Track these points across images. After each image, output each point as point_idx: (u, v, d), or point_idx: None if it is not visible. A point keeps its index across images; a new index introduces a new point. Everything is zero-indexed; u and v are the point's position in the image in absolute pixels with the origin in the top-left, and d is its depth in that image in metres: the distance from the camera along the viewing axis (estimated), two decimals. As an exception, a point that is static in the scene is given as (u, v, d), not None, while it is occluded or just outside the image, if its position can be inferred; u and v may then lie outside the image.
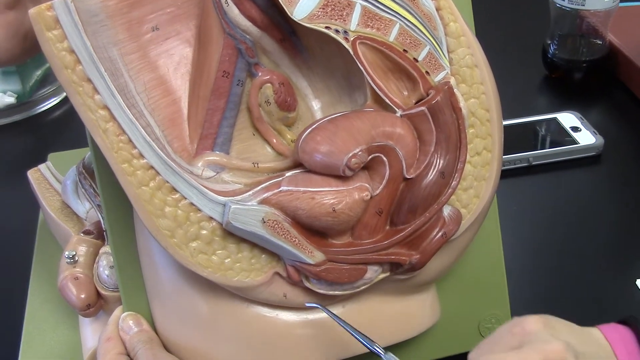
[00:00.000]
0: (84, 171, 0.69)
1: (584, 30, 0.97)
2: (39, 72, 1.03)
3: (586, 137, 0.87)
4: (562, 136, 0.88)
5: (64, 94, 1.02)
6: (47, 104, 1.02)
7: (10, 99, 1.00)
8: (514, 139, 0.86)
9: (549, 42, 0.99)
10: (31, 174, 0.77)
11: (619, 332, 0.48)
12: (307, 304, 0.51)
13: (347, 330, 0.49)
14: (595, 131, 0.88)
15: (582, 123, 0.90)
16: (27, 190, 0.77)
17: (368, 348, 0.49)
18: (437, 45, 0.49)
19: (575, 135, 0.88)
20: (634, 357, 0.47)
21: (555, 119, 0.91)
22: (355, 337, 0.49)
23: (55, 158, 0.86)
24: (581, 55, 0.98)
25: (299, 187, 0.47)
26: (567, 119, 0.91)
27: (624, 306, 0.51)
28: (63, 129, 0.98)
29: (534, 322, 0.47)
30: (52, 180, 0.76)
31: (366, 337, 0.49)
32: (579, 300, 0.69)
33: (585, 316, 0.51)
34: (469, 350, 0.61)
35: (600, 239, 0.77)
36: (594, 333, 0.49)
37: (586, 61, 0.98)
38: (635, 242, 0.76)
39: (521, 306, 0.64)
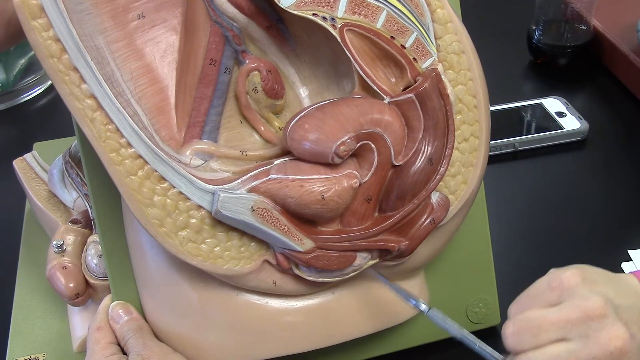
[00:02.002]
0: (70, 160, 0.69)
1: (568, 15, 0.97)
2: (22, 61, 1.02)
3: (571, 122, 0.88)
4: (547, 121, 0.89)
5: (48, 82, 1.02)
6: (32, 93, 1.01)
7: (-7, 89, 1.00)
8: (500, 124, 0.86)
9: (534, 27, 1.00)
10: (17, 163, 0.76)
11: None
12: (379, 276, 0.52)
13: (392, 288, 0.52)
14: (580, 116, 0.89)
15: (567, 108, 0.90)
16: (13, 180, 0.76)
17: (414, 305, 0.51)
18: (424, 31, 0.49)
19: (560, 120, 0.89)
20: None
21: (540, 105, 0.91)
22: (401, 295, 0.52)
23: (40, 147, 0.85)
24: (566, 41, 0.98)
25: (287, 175, 0.47)
26: (553, 104, 0.91)
27: (610, 289, 0.52)
28: (48, 118, 0.97)
29: (572, 276, 0.47)
30: (38, 169, 0.75)
31: (411, 294, 0.51)
32: (565, 284, 0.70)
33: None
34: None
35: (585, 223, 0.77)
36: (631, 280, 0.49)
37: (571, 46, 0.98)
38: (620, 226, 0.77)
39: (508, 290, 0.64)
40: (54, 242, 0.63)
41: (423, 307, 0.50)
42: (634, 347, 0.44)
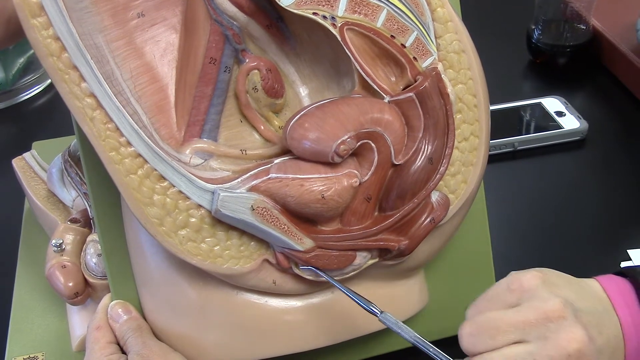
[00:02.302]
0: (69, 159, 0.69)
1: (568, 15, 0.97)
2: (21, 60, 1.02)
3: (570, 122, 0.88)
4: (546, 121, 0.89)
5: (48, 81, 1.02)
6: (31, 92, 1.01)
7: (-8, 88, 0.99)
8: (499, 124, 0.86)
9: (533, 27, 1.00)
10: (16, 162, 0.76)
11: (617, 284, 0.48)
12: (302, 267, 0.50)
13: (342, 291, 0.49)
14: (580, 116, 0.89)
15: (566, 108, 0.90)
16: (12, 179, 0.76)
17: (364, 308, 0.48)
18: (424, 31, 0.49)
19: (559, 119, 0.89)
20: (632, 309, 0.46)
21: (539, 104, 0.91)
22: (352, 298, 0.49)
23: (39, 146, 0.85)
24: (565, 40, 0.98)
25: (287, 174, 0.47)
26: (552, 103, 0.91)
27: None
28: (47, 117, 0.97)
29: (532, 278, 0.46)
30: (37, 168, 0.75)
31: (363, 298, 0.48)
32: (564, 284, 0.70)
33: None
34: (457, 334, 0.62)
35: (585, 222, 0.77)
36: (592, 285, 0.48)
37: (570, 46, 0.98)
38: (619, 225, 0.77)
39: (508, 290, 0.64)
40: (53, 241, 0.63)
41: (376, 310, 0.48)
42: (593, 350, 0.43)
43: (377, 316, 0.48)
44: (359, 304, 0.49)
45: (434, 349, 0.45)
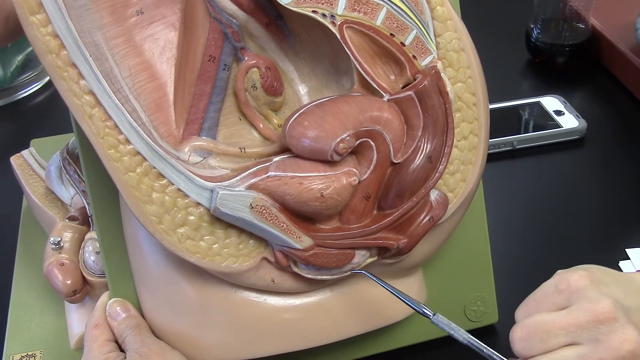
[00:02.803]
0: (67, 157, 0.69)
1: (567, 14, 0.97)
2: (20, 58, 1.02)
3: (569, 121, 0.88)
4: (545, 120, 0.89)
5: (46, 79, 1.02)
6: (29, 90, 1.01)
7: (-10, 85, 0.99)
8: (498, 123, 0.86)
9: (532, 26, 1.00)
10: (14, 160, 0.76)
11: None
12: (354, 271, 0.51)
13: (393, 293, 0.49)
14: (579, 115, 0.89)
15: (565, 107, 0.90)
16: (10, 176, 0.76)
17: (416, 310, 0.49)
18: (424, 29, 0.49)
19: (558, 118, 0.89)
20: None
21: (538, 103, 0.91)
22: (403, 300, 0.49)
23: (37, 144, 0.85)
24: (564, 40, 0.98)
25: (286, 173, 0.47)
26: (551, 102, 0.91)
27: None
28: (45, 115, 0.97)
29: (579, 278, 0.46)
30: (35, 166, 0.75)
31: (414, 300, 0.49)
32: (562, 283, 0.70)
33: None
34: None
35: (583, 221, 0.77)
36: (639, 280, 0.48)
37: (569, 45, 0.98)
38: (617, 224, 0.77)
39: (506, 288, 0.64)
40: (52, 239, 0.63)
41: (428, 313, 0.48)
42: None
43: (429, 318, 0.48)
44: (410, 306, 0.49)
45: (487, 350, 0.45)
